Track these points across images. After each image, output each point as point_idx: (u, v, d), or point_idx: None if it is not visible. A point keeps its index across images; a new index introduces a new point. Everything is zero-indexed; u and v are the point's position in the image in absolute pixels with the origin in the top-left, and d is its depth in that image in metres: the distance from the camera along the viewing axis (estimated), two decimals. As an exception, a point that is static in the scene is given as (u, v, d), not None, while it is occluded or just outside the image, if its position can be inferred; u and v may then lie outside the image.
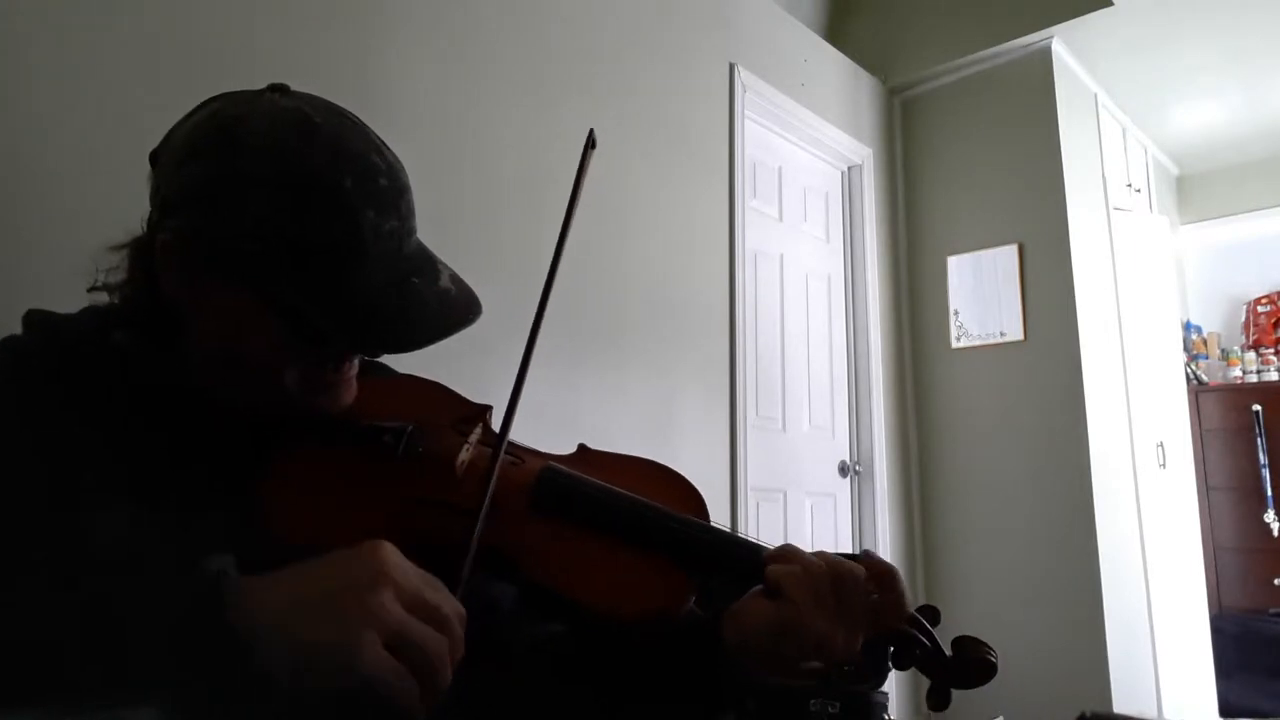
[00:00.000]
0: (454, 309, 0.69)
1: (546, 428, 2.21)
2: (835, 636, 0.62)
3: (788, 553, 0.66)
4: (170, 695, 0.47)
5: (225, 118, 0.65)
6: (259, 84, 0.71)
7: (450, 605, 0.52)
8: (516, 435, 0.77)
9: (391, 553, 0.52)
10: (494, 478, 0.63)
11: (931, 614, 0.69)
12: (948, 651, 0.67)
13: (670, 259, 2.64)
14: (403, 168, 0.70)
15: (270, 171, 0.62)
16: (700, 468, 2.61)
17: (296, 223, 0.63)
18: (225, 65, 1.66)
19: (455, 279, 0.72)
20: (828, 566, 0.64)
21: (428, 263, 0.71)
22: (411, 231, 0.70)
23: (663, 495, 0.71)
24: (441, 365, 0.85)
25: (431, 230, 0.78)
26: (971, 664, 0.66)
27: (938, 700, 0.66)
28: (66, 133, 1.46)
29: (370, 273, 0.65)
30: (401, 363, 0.84)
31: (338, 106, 0.69)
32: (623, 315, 2.46)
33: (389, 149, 0.70)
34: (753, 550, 0.68)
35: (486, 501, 0.61)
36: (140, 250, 0.68)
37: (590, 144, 0.74)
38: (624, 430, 2.40)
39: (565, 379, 2.26)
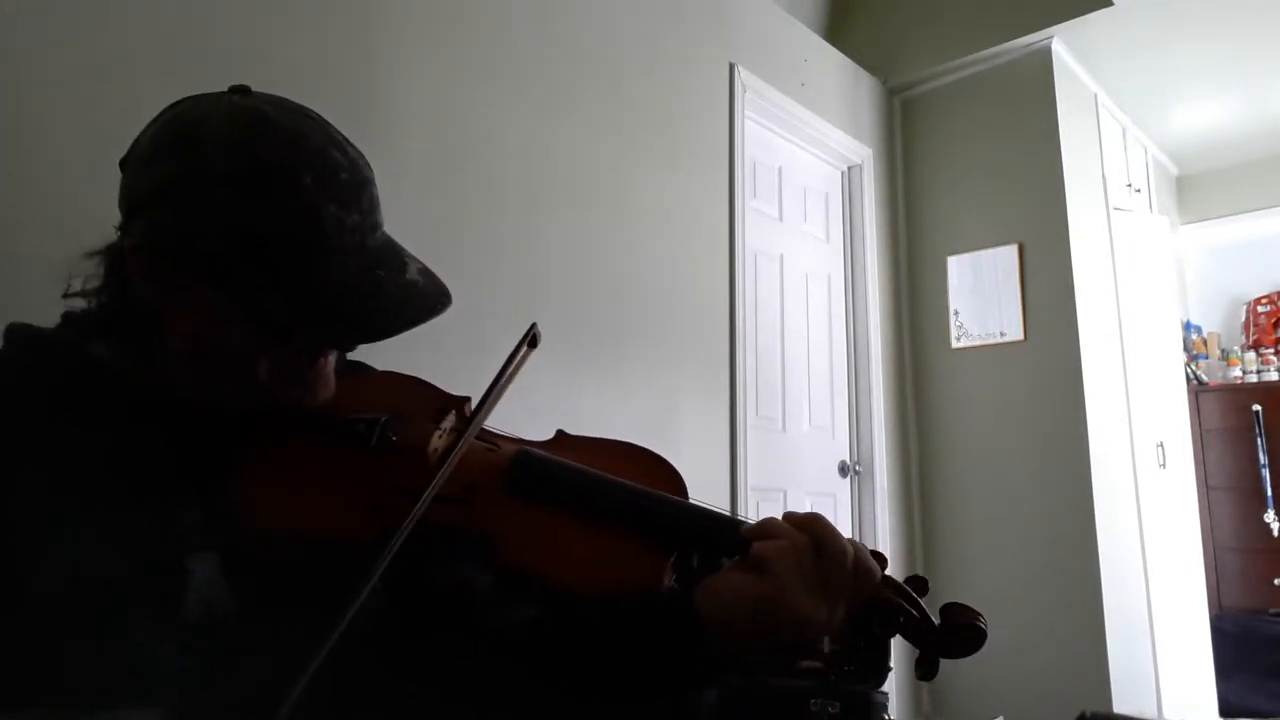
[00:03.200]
0: (420, 300, 0.69)
1: (547, 427, 2.20)
2: (817, 613, 0.61)
3: (771, 527, 0.64)
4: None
5: (185, 120, 0.67)
6: (262, 89, 0.72)
7: None
8: (515, 434, 0.77)
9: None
10: (455, 452, 0.63)
11: (919, 584, 0.68)
12: (935, 619, 0.65)
13: (670, 259, 2.64)
14: (366, 163, 0.71)
15: (230, 169, 0.63)
16: (700, 467, 2.61)
17: (257, 219, 0.64)
18: (226, 71, 1.65)
19: (424, 271, 0.72)
20: (811, 540, 0.63)
21: (394, 256, 0.71)
22: (376, 225, 0.71)
23: (639, 475, 0.71)
24: (440, 365, 0.85)
25: (433, 233, 0.78)
26: (959, 631, 0.65)
27: (926, 670, 0.65)
28: (63, 138, 1.46)
29: (334, 266, 0.66)
30: (395, 360, 0.84)
31: (297, 105, 0.70)
32: (623, 315, 2.47)
33: (351, 144, 0.70)
34: (730, 524, 0.67)
35: (441, 474, 0.61)
36: (114, 256, 0.69)
37: (531, 341, 0.72)
38: (625, 431, 2.40)
39: (566, 379, 2.26)
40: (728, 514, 0.69)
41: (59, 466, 0.61)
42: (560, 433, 0.79)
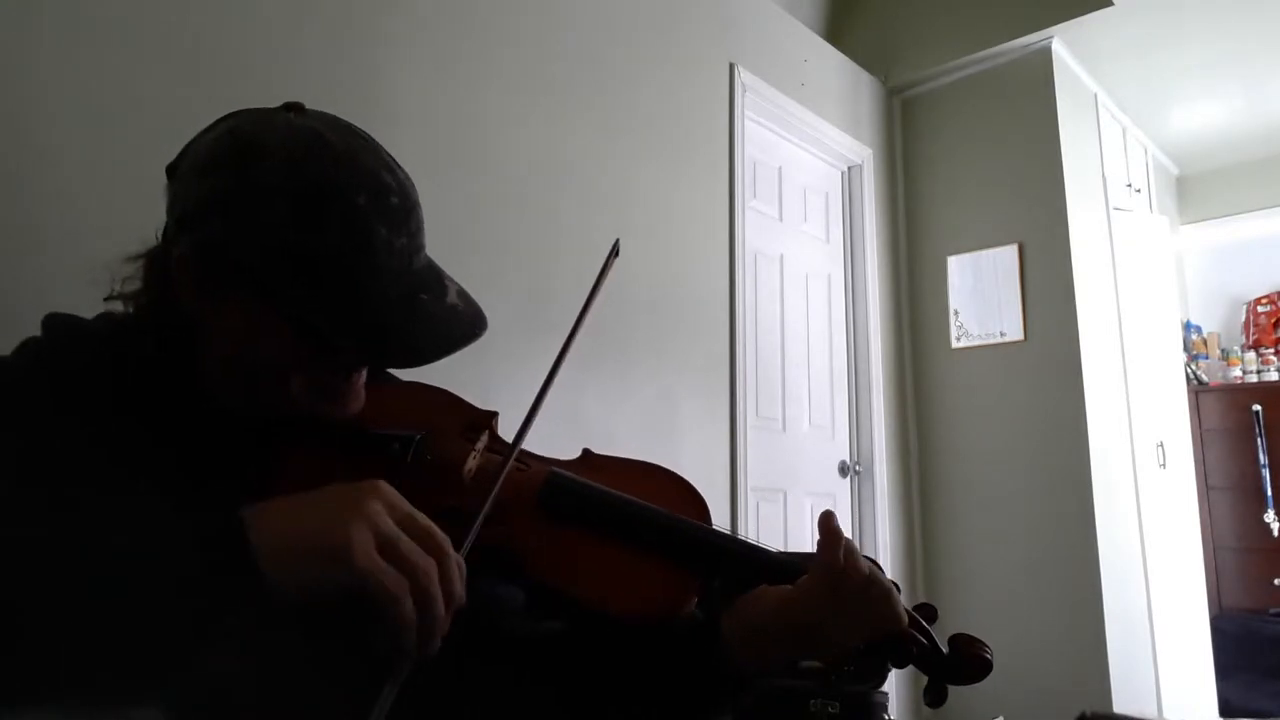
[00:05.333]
0: (460, 325, 0.71)
1: (549, 428, 2.20)
2: (835, 630, 0.65)
3: (847, 547, 0.67)
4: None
5: (242, 134, 0.67)
6: (271, 92, 0.73)
7: (446, 541, 0.54)
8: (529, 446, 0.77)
9: (388, 487, 0.55)
10: (500, 480, 0.64)
11: (928, 612, 0.70)
12: (944, 649, 0.68)
13: (670, 259, 2.64)
14: (413, 186, 0.71)
15: (286, 186, 0.64)
16: (700, 468, 2.61)
17: (311, 237, 0.64)
18: (237, 75, 1.66)
19: (462, 294, 0.73)
20: (856, 575, 0.65)
21: (436, 279, 0.72)
22: (420, 248, 0.72)
23: (664, 498, 0.73)
24: (450, 368, 0.85)
25: (439, 236, 0.79)
26: (967, 661, 0.68)
27: (934, 697, 0.68)
28: (81, 142, 1.46)
29: (381, 287, 0.67)
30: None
31: (350, 125, 0.71)
32: (624, 315, 2.47)
33: (400, 167, 0.71)
34: (754, 552, 0.70)
35: (490, 499, 0.62)
36: (156, 261, 0.70)
37: (614, 253, 0.79)
38: (626, 431, 2.40)
39: (568, 379, 2.24)
40: (751, 542, 0.71)
41: (91, 458, 0.62)
42: (586, 452, 0.81)
